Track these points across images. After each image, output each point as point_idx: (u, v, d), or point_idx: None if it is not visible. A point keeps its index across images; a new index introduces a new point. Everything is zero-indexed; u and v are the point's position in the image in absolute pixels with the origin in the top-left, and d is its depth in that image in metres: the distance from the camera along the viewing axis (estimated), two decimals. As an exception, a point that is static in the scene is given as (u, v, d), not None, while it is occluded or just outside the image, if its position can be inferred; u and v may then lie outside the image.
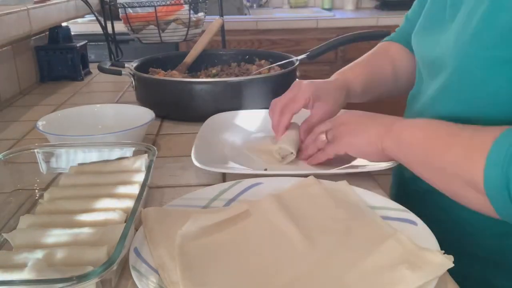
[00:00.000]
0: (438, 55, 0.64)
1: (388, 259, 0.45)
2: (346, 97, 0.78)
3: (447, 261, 0.43)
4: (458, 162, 0.49)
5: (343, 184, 0.61)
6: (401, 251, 0.46)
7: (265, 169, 0.68)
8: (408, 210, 0.54)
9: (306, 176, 0.63)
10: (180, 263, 0.45)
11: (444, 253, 0.44)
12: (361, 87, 0.81)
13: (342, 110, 0.76)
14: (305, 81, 0.75)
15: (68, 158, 0.65)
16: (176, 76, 1.04)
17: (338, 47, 1.04)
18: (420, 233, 0.49)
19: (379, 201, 0.57)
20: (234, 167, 0.69)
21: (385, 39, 0.91)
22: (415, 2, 0.83)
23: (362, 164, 0.67)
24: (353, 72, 0.82)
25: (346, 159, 0.68)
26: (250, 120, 0.86)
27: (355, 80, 0.80)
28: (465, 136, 0.51)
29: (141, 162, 0.63)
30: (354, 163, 0.68)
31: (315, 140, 0.69)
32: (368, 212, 0.55)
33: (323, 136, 0.68)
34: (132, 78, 1.00)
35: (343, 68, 0.84)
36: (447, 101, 0.63)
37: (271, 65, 1.08)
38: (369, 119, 0.65)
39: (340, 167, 0.68)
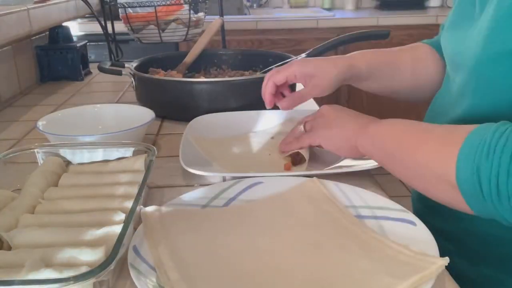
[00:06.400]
0: (461, 51, 0.62)
1: (381, 264, 0.45)
2: (346, 73, 0.74)
3: (442, 264, 0.43)
4: (431, 156, 0.49)
5: (312, 182, 0.61)
6: (395, 256, 0.46)
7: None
8: (408, 211, 0.53)
9: (306, 176, 0.63)
10: (175, 264, 0.45)
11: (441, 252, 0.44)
12: (367, 68, 0.76)
13: (323, 106, 0.72)
14: (302, 58, 0.79)
15: (68, 158, 0.65)
16: (175, 76, 1.04)
17: (338, 47, 1.03)
18: (419, 234, 0.49)
19: (379, 201, 0.57)
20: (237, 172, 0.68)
21: (422, 41, 0.84)
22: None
23: (360, 163, 0.67)
24: (363, 55, 0.78)
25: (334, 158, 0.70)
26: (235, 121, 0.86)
27: (361, 59, 0.76)
28: (439, 132, 0.51)
29: (141, 162, 0.63)
30: (349, 162, 0.68)
31: (293, 130, 0.73)
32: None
33: (301, 127, 0.71)
34: (132, 78, 0.99)
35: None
36: (466, 100, 0.60)
37: (269, 67, 1.07)
38: (348, 115, 0.66)
39: (334, 166, 0.67)
